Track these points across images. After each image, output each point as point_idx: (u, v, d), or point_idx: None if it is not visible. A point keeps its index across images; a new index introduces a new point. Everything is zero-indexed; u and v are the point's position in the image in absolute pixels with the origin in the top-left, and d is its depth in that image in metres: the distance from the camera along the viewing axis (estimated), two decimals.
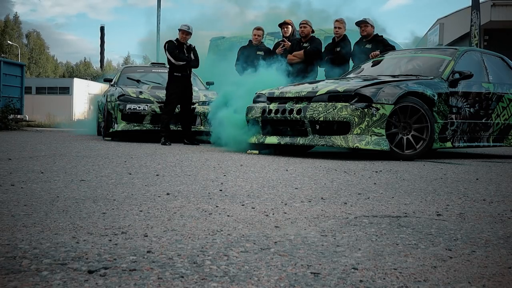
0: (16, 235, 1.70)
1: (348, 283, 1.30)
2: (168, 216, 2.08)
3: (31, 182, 3.00)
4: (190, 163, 4.50)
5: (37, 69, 62.09)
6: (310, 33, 7.91)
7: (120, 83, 9.62)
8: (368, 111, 5.19)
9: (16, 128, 15.13)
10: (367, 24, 7.42)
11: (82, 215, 2.07)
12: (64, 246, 1.56)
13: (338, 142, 5.29)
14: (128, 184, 3.01)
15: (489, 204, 2.61)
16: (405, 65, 6.71)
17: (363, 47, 7.45)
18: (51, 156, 4.83)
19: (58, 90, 43.03)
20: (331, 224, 2.02)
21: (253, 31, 8.56)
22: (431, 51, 6.82)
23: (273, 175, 3.65)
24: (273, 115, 5.81)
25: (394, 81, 5.60)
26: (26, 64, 27.25)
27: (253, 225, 1.96)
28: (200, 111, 8.58)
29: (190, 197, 2.59)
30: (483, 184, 3.48)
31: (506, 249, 1.69)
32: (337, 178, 3.60)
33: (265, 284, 1.27)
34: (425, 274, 1.39)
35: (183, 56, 7.84)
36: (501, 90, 6.48)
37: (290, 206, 2.39)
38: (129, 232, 1.78)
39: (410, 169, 4.39)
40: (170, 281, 1.27)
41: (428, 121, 5.48)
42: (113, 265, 1.37)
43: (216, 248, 1.60)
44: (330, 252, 1.58)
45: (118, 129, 8.44)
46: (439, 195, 2.87)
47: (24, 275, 1.27)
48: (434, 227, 2.00)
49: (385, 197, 2.76)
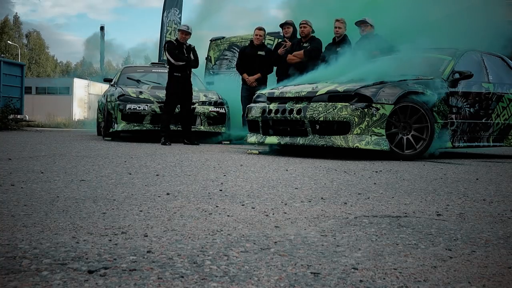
0: (16, 235, 1.69)
1: (348, 283, 1.30)
2: (168, 216, 2.08)
3: (31, 182, 3.00)
4: (190, 163, 4.50)
5: (37, 69, 62.09)
6: (310, 33, 7.92)
7: (120, 83, 9.62)
8: (368, 111, 5.19)
9: (16, 128, 15.12)
10: (367, 24, 7.42)
11: (82, 215, 2.07)
12: (64, 246, 1.56)
13: (338, 142, 5.29)
14: (128, 184, 3.01)
15: (489, 204, 2.61)
16: (405, 65, 6.70)
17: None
18: (51, 156, 4.83)
19: (58, 90, 43.06)
20: (331, 224, 2.02)
21: (255, 31, 8.56)
22: (431, 51, 6.81)
23: (273, 175, 3.65)
24: (273, 115, 5.81)
25: (394, 81, 5.60)
26: (26, 64, 27.25)
27: (253, 225, 1.96)
28: (200, 111, 8.57)
29: (190, 197, 2.59)
30: (483, 184, 3.48)
31: (506, 249, 1.69)
32: (337, 178, 3.60)
33: (265, 284, 1.27)
34: (425, 274, 1.39)
35: (183, 56, 7.84)
36: (501, 90, 6.48)
37: (290, 206, 2.39)
38: (129, 232, 1.78)
39: (410, 169, 4.39)
40: (170, 281, 1.27)
41: (428, 121, 5.48)
42: (113, 265, 1.37)
43: (216, 248, 1.60)
44: (330, 252, 1.58)
45: (118, 129, 8.44)
46: (439, 195, 2.87)
47: (24, 275, 1.27)
48: (434, 227, 2.00)
49: (385, 197, 2.76)
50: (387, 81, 5.58)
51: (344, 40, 7.71)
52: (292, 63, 7.91)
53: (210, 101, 8.73)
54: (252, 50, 8.51)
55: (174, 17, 15.19)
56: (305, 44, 7.88)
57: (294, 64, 7.87)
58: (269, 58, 8.41)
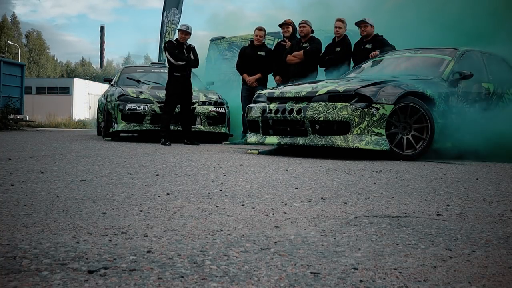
0: (16, 235, 1.69)
1: (348, 283, 1.30)
2: (168, 216, 2.08)
3: (31, 182, 3.00)
4: (190, 163, 4.50)
5: (37, 69, 62.09)
6: (310, 33, 7.91)
7: (120, 83, 9.62)
8: (368, 111, 5.19)
9: (16, 128, 15.11)
10: (366, 24, 7.42)
11: (82, 215, 2.07)
12: (64, 246, 1.56)
13: (338, 142, 5.29)
14: (128, 184, 3.01)
15: (489, 204, 2.61)
16: (405, 65, 6.71)
17: (363, 47, 7.45)
18: (51, 156, 4.83)
19: (58, 90, 43.05)
20: (331, 224, 2.02)
21: (255, 31, 8.56)
22: (431, 51, 6.81)
23: (273, 175, 3.65)
24: (273, 115, 5.81)
25: (394, 81, 5.60)
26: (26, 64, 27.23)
27: (253, 225, 1.96)
28: (200, 111, 8.57)
29: (190, 197, 2.59)
30: (483, 184, 3.48)
31: (506, 249, 1.69)
32: (337, 178, 3.60)
33: (265, 284, 1.27)
34: (425, 274, 1.39)
35: (183, 56, 7.84)
36: (501, 90, 6.48)
37: (290, 206, 2.39)
38: (129, 232, 1.78)
39: (410, 169, 4.38)
40: (170, 281, 1.27)
41: (428, 121, 5.48)
42: (113, 265, 1.37)
43: (216, 248, 1.60)
44: (330, 252, 1.58)
45: (118, 129, 8.44)
46: (439, 195, 2.87)
47: (24, 275, 1.27)
48: (434, 227, 2.00)
49: (385, 197, 2.76)
50: (387, 81, 5.58)
51: (344, 40, 7.72)
52: (291, 64, 7.91)
53: (210, 101, 8.73)
54: (252, 50, 8.51)
55: (173, 17, 15.19)
56: (304, 44, 7.88)
57: (293, 64, 7.87)
58: (269, 58, 8.41)
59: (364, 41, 7.50)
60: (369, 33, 7.43)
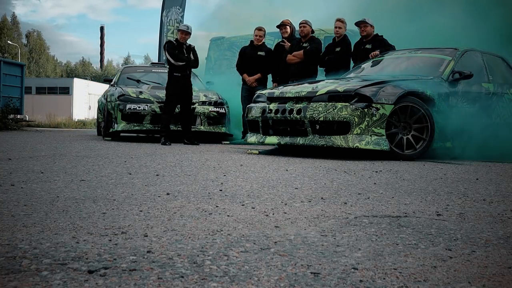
0: (16, 235, 1.69)
1: (348, 283, 1.30)
2: (168, 216, 2.08)
3: (31, 182, 3.00)
4: (190, 163, 4.50)
5: (37, 69, 62.10)
6: (310, 33, 7.92)
7: (120, 83, 9.62)
8: (368, 111, 5.19)
9: (16, 128, 15.11)
10: (366, 24, 7.42)
11: (82, 215, 2.07)
12: (64, 246, 1.56)
13: (338, 142, 5.29)
14: (128, 184, 3.01)
15: (489, 204, 2.61)
16: (405, 65, 6.71)
17: (363, 47, 7.45)
18: (51, 156, 4.83)
19: (58, 90, 43.08)
20: (331, 224, 2.02)
21: (255, 31, 8.56)
22: (431, 51, 6.81)
23: (273, 175, 3.65)
24: (273, 115, 5.81)
25: (394, 81, 5.60)
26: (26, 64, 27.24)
27: (253, 225, 1.96)
28: (200, 111, 8.57)
29: (190, 197, 2.59)
30: (483, 184, 3.48)
31: (506, 249, 1.69)
32: (337, 178, 3.60)
33: (265, 284, 1.27)
34: (425, 274, 1.39)
35: (183, 56, 7.83)
36: (501, 90, 6.48)
37: (290, 206, 2.39)
38: (129, 232, 1.78)
39: (410, 169, 4.38)
40: (170, 281, 1.27)
41: (428, 121, 5.48)
42: (113, 265, 1.37)
43: (216, 248, 1.60)
44: (330, 252, 1.58)
45: (118, 129, 8.44)
46: (439, 195, 2.87)
47: (24, 275, 1.27)
48: (434, 227, 2.00)
49: (385, 197, 2.76)
50: (387, 81, 5.58)
51: (344, 40, 7.72)
52: (291, 64, 7.91)
53: (210, 101, 8.73)
54: (252, 50, 8.51)
55: (176, 16, 15.13)
56: (304, 44, 7.88)
57: (293, 64, 7.87)
58: (269, 58, 8.42)
59: (364, 41, 7.50)
60: (369, 33, 7.44)
